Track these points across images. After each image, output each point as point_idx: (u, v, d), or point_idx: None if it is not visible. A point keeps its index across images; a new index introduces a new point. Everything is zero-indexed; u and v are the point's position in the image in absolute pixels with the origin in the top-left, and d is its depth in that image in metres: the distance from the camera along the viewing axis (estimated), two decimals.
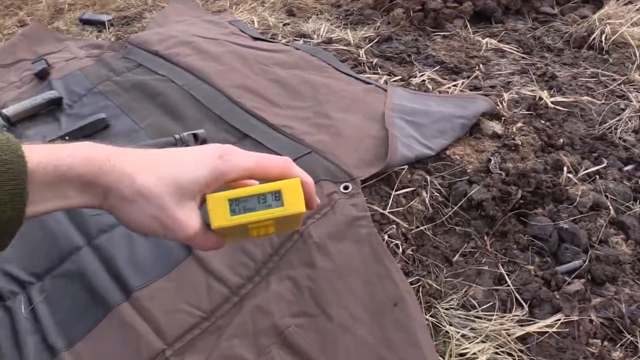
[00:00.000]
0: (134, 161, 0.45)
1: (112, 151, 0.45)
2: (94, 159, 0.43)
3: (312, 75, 1.23)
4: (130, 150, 0.47)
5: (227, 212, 0.47)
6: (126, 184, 0.44)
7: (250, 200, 0.47)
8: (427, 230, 0.92)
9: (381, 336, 0.76)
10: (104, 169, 0.43)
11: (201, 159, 0.47)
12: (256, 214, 0.47)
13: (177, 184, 0.45)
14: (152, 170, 0.45)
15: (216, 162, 0.47)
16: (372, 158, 0.96)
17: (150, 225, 0.45)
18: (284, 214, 0.47)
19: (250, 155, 0.49)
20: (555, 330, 0.80)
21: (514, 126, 1.12)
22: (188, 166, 0.46)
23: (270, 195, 0.47)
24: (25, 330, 0.84)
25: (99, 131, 1.17)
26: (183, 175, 0.46)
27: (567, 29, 1.63)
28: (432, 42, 1.57)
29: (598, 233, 0.93)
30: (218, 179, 0.47)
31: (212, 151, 0.48)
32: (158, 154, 0.48)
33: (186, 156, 0.47)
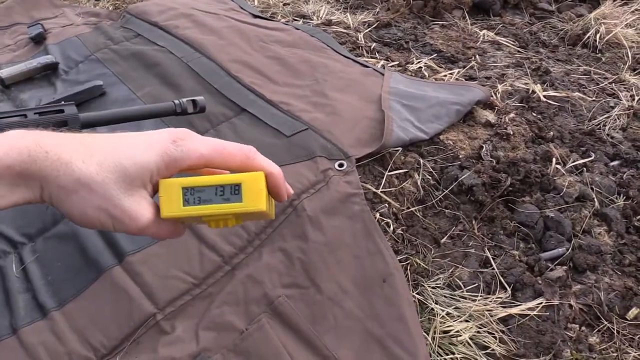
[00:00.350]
0: (70, 146, 0.39)
1: (42, 136, 0.39)
2: (21, 147, 0.37)
3: (311, 55, 1.24)
4: (65, 135, 0.41)
5: (180, 202, 0.42)
6: (63, 172, 0.38)
7: (207, 191, 0.42)
8: (418, 211, 0.94)
9: (369, 310, 0.79)
10: (34, 157, 0.37)
11: (151, 143, 0.42)
12: (211, 207, 0.42)
13: (122, 169, 0.40)
14: (93, 156, 0.39)
15: (168, 146, 0.42)
16: (368, 138, 0.98)
17: (97, 218, 0.40)
18: (242, 210, 0.43)
19: (208, 141, 0.44)
20: (536, 314, 0.83)
21: (507, 116, 1.14)
22: (135, 150, 0.41)
23: (229, 187, 0.43)
24: (16, 289, 0.85)
25: (95, 98, 1.17)
26: (129, 159, 0.40)
27: (562, 26, 1.65)
28: (430, 30, 1.58)
29: (582, 223, 0.96)
30: (169, 166, 0.42)
31: (164, 134, 0.42)
32: (99, 137, 0.42)
33: (133, 139, 0.42)
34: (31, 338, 0.78)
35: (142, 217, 0.41)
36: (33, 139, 0.38)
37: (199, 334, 0.77)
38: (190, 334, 0.78)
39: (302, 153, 0.93)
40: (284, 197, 0.47)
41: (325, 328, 0.77)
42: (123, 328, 0.78)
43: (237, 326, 0.77)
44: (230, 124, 1.03)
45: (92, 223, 0.41)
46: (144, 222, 0.42)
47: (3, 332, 0.80)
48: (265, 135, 0.99)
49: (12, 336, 0.79)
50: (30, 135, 0.39)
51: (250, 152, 0.45)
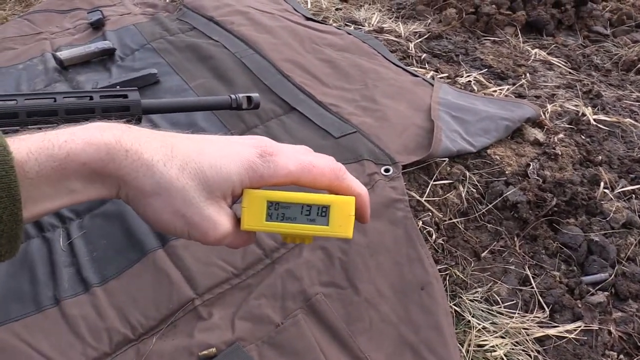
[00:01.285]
0: (151, 145, 0.37)
1: (123, 132, 0.37)
2: (100, 143, 0.36)
3: (362, 60, 1.25)
4: (146, 132, 0.38)
5: (263, 216, 0.40)
6: (143, 173, 0.37)
7: (293, 208, 0.40)
8: (460, 223, 0.94)
9: (404, 316, 0.78)
10: (114, 155, 0.36)
11: (237, 154, 0.39)
12: (294, 227, 0.41)
13: (204, 177, 0.38)
14: (175, 159, 0.38)
15: (255, 160, 0.39)
16: (415, 146, 0.98)
17: (173, 223, 0.38)
18: (327, 234, 0.41)
19: (297, 157, 0.41)
20: (574, 337, 0.82)
21: (556, 136, 1.12)
22: (219, 159, 0.39)
23: (317, 208, 0.40)
24: (62, 262, 0.88)
25: (148, 85, 1.20)
26: (212, 169, 0.38)
27: (617, 51, 1.62)
28: (481, 45, 1.57)
29: (627, 250, 0.94)
30: (254, 181, 0.40)
31: (252, 148, 0.40)
32: (181, 139, 0.39)
33: (219, 147, 0.40)
34: (73, 310, 0.80)
35: (221, 227, 0.39)
36: (113, 135, 0.36)
37: (235, 323, 0.78)
38: (226, 322, 0.79)
39: (350, 155, 0.94)
40: (368, 219, 0.45)
41: (360, 330, 0.77)
42: (162, 310, 0.80)
43: (273, 319, 0.78)
44: (280, 121, 1.04)
45: (168, 228, 0.39)
46: (222, 232, 0.40)
47: (46, 303, 0.82)
48: (313, 135, 1.00)
49: (55, 307, 0.81)
50: (110, 131, 0.36)
51: (340, 172, 0.42)
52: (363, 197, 0.43)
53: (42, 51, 1.42)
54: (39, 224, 0.93)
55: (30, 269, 0.86)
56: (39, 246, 0.90)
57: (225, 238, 0.41)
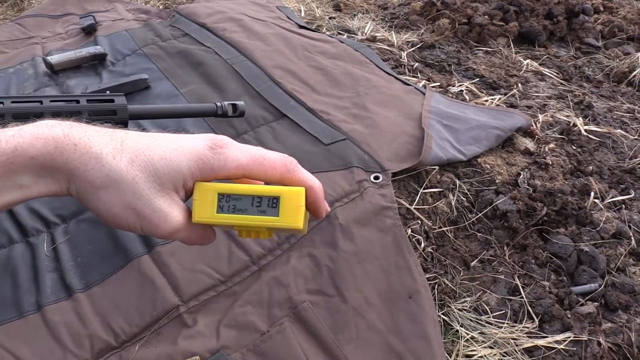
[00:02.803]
0: (101, 139, 0.38)
1: (72, 128, 0.37)
2: (48, 137, 0.36)
3: (354, 68, 1.25)
4: (96, 128, 0.39)
5: (214, 208, 0.40)
6: (92, 166, 0.36)
7: (244, 200, 0.40)
8: (449, 232, 0.93)
9: (392, 325, 0.77)
10: (62, 148, 0.36)
11: (187, 146, 0.40)
12: (245, 218, 0.41)
13: (153, 169, 0.38)
14: (124, 152, 0.38)
15: (205, 153, 0.40)
16: (405, 154, 0.97)
17: (124, 217, 0.38)
18: (277, 225, 0.41)
19: (248, 150, 0.41)
20: (563, 348, 0.81)
21: (546, 146, 1.12)
22: (169, 152, 0.39)
23: (267, 200, 0.41)
24: (45, 267, 0.86)
25: (139, 90, 1.19)
26: (162, 160, 0.38)
27: (608, 63, 1.63)
28: (473, 55, 1.57)
29: (617, 261, 0.94)
30: (205, 173, 0.40)
31: (202, 140, 0.40)
32: (131, 134, 0.39)
33: (169, 141, 0.40)
34: (55, 316, 0.79)
35: (173, 219, 0.39)
36: (62, 129, 0.36)
37: (220, 330, 0.77)
38: (211, 329, 0.78)
39: (339, 162, 0.93)
40: (322, 213, 0.44)
41: (347, 338, 0.76)
42: (145, 317, 0.78)
43: (259, 327, 0.77)
44: (270, 127, 1.04)
45: (119, 222, 0.38)
46: (174, 224, 0.39)
47: (28, 308, 0.81)
48: (303, 141, 0.99)
49: (37, 313, 0.80)
50: (59, 126, 0.37)
51: (291, 165, 0.42)
52: (316, 189, 0.42)
53: (32, 55, 1.42)
54: (23, 228, 0.91)
55: (13, 274, 0.84)
56: (22, 251, 0.89)
57: (177, 231, 0.40)
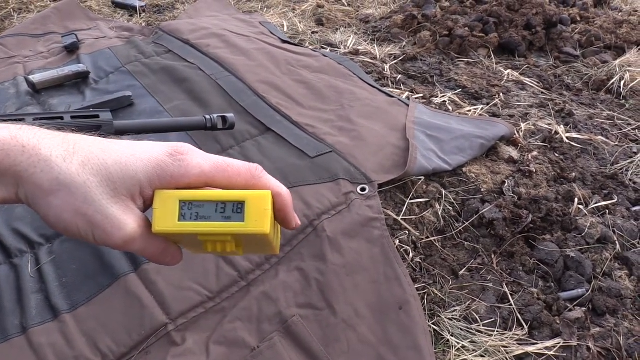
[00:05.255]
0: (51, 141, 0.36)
1: (22, 130, 0.36)
2: None
3: (338, 82, 1.25)
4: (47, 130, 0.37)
5: (176, 216, 0.38)
6: (41, 169, 0.35)
7: (207, 206, 0.38)
8: (437, 241, 0.93)
9: (383, 336, 0.77)
10: (8, 150, 0.34)
11: (145, 152, 0.38)
12: (209, 225, 0.38)
13: (107, 174, 0.36)
14: (76, 154, 0.36)
15: (164, 159, 0.37)
16: (391, 165, 0.98)
17: (74, 223, 0.36)
18: (243, 231, 0.38)
19: (211, 157, 0.39)
20: (553, 354, 0.81)
21: (530, 154, 1.14)
22: (124, 157, 0.37)
23: (232, 205, 0.38)
24: (30, 288, 0.85)
25: (123, 108, 1.19)
26: (116, 165, 0.36)
27: (587, 71, 1.66)
28: (455, 67, 1.59)
29: (603, 265, 0.95)
30: (164, 181, 0.38)
31: (162, 147, 0.38)
32: (85, 137, 0.38)
33: (125, 146, 0.38)
34: (40, 338, 0.78)
35: (127, 227, 0.37)
36: (9, 131, 0.35)
37: (209, 347, 0.76)
38: (200, 347, 0.77)
39: (325, 175, 0.93)
40: (291, 222, 0.42)
41: (338, 352, 0.76)
42: (133, 336, 0.77)
43: (249, 343, 0.76)
44: (255, 142, 1.04)
45: (70, 229, 0.36)
46: (128, 232, 0.37)
47: (13, 331, 0.79)
48: (289, 155, 0.99)
49: (22, 335, 0.79)
50: (7, 129, 0.35)
51: (256, 171, 0.40)
52: (284, 196, 0.40)
53: (14, 75, 1.41)
54: (6, 249, 0.90)
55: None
56: (6, 273, 0.87)
57: (132, 241, 0.37)
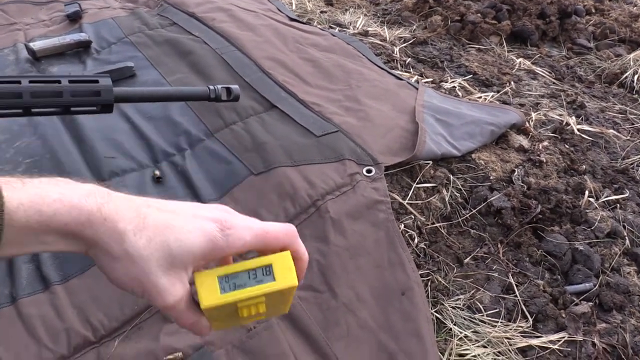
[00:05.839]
0: (127, 215, 0.41)
1: (105, 200, 0.41)
2: (83, 208, 0.39)
3: (346, 61, 1.22)
4: (123, 201, 0.43)
5: (217, 290, 0.43)
6: (115, 240, 0.40)
7: (241, 276, 0.44)
8: (442, 228, 0.91)
9: (384, 322, 0.75)
10: (92, 222, 0.39)
11: (199, 228, 0.43)
12: (247, 291, 0.44)
13: (168, 250, 0.42)
14: (145, 230, 0.42)
15: (215, 235, 0.43)
16: (398, 147, 0.95)
17: (130, 286, 0.42)
18: (276, 288, 0.44)
19: (251, 227, 0.44)
20: (558, 348, 0.79)
21: (541, 144, 1.10)
22: (184, 234, 0.42)
23: (261, 270, 0.44)
24: (21, 258, 0.82)
25: (125, 79, 1.15)
26: (177, 242, 0.42)
27: (600, 64, 1.62)
28: (466, 52, 1.56)
29: (611, 260, 0.92)
30: (214, 253, 0.43)
31: (212, 223, 0.44)
32: (155, 211, 0.43)
33: (184, 221, 0.44)
34: (30, 309, 0.75)
35: (170, 296, 0.42)
36: (96, 202, 0.40)
37: None
38: None
39: (331, 154, 0.90)
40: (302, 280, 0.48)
41: (337, 336, 0.73)
42: (126, 311, 0.75)
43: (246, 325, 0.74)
44: (260, 118, 1.01)
45: (125, 288, 0.42)
46: (170, 301, 0.42)
47: (2, 301, 0.77)
48: (294, 133, 0.96)
49: (11, 305, 0.76)
50: (93, 197, 0.40)
51: (291, 233, 0.46)
52: (304, 261, 0.47)
53: (14, 42, 1.37)
54: None
55: None
56: None
57: (173, 308, 0.43)
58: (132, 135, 1.00)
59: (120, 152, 0.96)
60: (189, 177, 0.91)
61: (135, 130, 1.01)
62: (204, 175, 0.91)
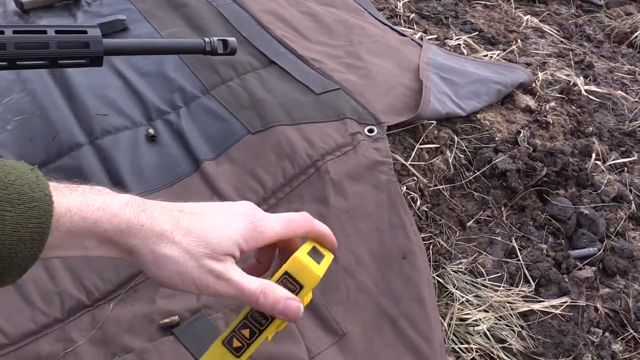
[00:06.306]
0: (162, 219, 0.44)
1: (141, 208, 0.44)
2: (122, 216, 0.42)
3: (347, 16, 1.17)
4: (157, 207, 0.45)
5: (315, 262, 0.47)
6: (153, 241, 0.43)
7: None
8: (445, 190, 0.88)
9: (384, 286, 0.73)
10: (130, 229, 0.42)
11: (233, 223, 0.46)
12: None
13: (207, 244, 0.45)
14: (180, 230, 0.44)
15: (248, 230, 0.46)
16: (401, 106, 0.92)
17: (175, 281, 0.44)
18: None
19: (278, 219, 0.49)
20: (560, 313, 0.78)
21: (547, 105, 1.07)
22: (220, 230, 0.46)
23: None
24: None
25: (116, 32, 1.10)
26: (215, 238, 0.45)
27: (610, 23, 1.57)
28: (472, 9, 1.50)
29: (616, 225, 0.90)
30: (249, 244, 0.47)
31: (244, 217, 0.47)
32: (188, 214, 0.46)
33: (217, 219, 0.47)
34: None
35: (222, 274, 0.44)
36: (134, 211, 0.43)
37: None
38: None
39: (331, 113, 0.87)
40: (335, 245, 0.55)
41: (336, 300, 0.72)
42: (121, 273, 0.73)
43: None
44: (257, 74, 0.97)
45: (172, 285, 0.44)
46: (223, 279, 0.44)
47: None
48: (293, 90, 0.92)
49: None
50: (131, 207, 0.43)
51: (309, 218, 0.51)
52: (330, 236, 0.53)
53: None
54: None
55: None
56: None
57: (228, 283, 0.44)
58: (125, 92, 0.97)
59: (112, 109, 0.93)
60: (184, 135, 0.88)
61: (128, 87, 0.97)
62: (199, 134, 0.88)
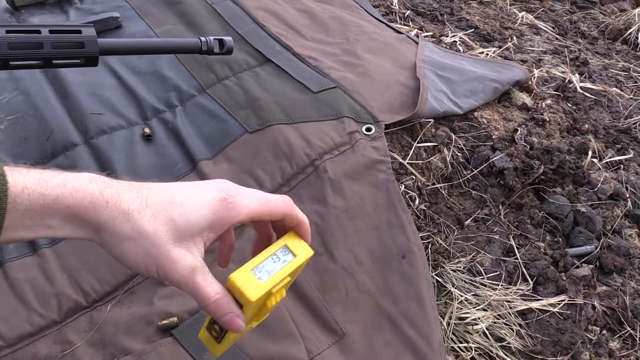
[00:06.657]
0: (128, 196, 0.43)
1: (107, 184, 0.43)
2: (85, 191, 0.41)
3: (343, 13, 1.16)
4: (124, 185, 0.44)
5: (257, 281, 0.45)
6: (119, 220, 0.41)
7: (268, 263, 0.46)
8: (443, 189, 0.88)
9: (383, 286, 0.73)
10: (95, 204, 0.41)
11: (203, 200, 0.44)
12: (280, 272, 0.46)
13: (173, 224, 0.43)
14: (148, 208, 0.43)
15: (219, 206, 0.44)
16: (399, 105, 0.91)
17: (143, 264, 0.42)
18: (300, 262, 0.48)
19: (253, 195, 0.47)
20: (557, 311, 0.78)
21: (544, 102, 1.07)
22: (188, 208, 0.44)
23: (281, 252, 0.48)
24: None
25: (110, 30, 1.09)
26: (181, 216, 0.43)
27: (604, 19, 1.58)
28: (467, 5, 1.50)
29: (613, 223, 0.91)
30: (220, 223, 0.45)
31: (214, 193, 0.45)
32: (156, 192, 0.45)
33: (187, 196, 0.45)
34: (18, 273, 0.72)
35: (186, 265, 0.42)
36: (98, 187, 0.42)
37: None
38: None
39: (329, 112, 0.87)
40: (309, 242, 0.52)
41: (335, 299, 0.72)
42: (118, 274, 0.73)
43: None
44: (254, 73, 0.96)
45: (139, 268, 0.43)
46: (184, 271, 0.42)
47: None
48: (290, 88, 0.92)
49: None
50: (95, 182, 0.42)
51: (289, 202, 0.49)
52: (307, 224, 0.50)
53: None
54: None
55: None
56: None
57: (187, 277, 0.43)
58: (120, 91, 0.96)
59: (107, 109, 0.92)
60: (180, 134, 0.87)
61: (122, 86, 0.96)
62: (195, 133, 0.88)
